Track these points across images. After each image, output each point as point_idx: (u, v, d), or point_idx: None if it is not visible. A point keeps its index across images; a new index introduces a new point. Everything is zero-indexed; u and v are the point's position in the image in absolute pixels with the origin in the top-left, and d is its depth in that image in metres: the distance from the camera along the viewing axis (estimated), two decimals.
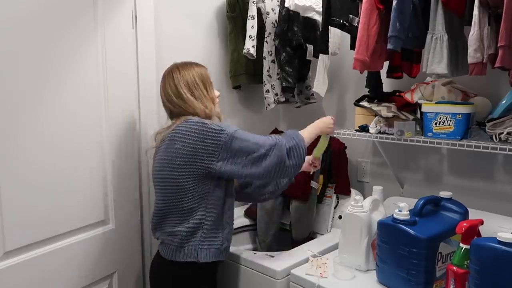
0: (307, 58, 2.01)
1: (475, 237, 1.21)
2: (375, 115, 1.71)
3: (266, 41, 2.02)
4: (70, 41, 1.45)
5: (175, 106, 1.45)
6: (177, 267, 1.42)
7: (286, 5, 1.88)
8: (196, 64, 1.51)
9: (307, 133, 1.52)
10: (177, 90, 1.44)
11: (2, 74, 1.27)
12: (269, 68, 2.04)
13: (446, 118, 1.48)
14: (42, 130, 1.38)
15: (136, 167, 1.74)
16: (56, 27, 1.40)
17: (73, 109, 1.47)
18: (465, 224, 1.20)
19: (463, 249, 1.18)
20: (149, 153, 1.60)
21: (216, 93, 1.54)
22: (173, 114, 1.48)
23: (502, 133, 1.36)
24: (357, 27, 1.54)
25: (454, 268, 1.18)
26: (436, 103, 1.53)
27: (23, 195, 1.34)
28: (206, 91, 1.48)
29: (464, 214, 1.39)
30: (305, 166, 1.67)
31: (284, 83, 2.00)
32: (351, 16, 1.62)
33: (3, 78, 1.27)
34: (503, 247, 1.07)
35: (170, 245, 1.42)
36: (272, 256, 1.60)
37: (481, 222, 1.24)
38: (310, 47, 1.99)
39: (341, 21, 1.65)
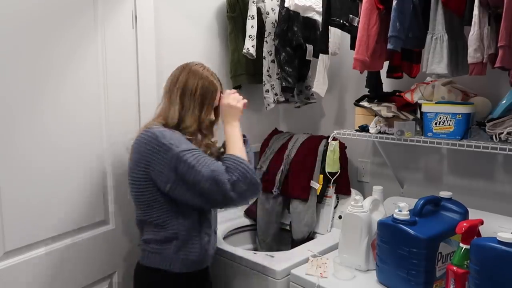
0: (307, 58, 2.01)
1: (475, 237, 1.21)
2: (375, 115, 1.71)
3: (266, 41, 2.03)
4: (70, 41, 1.45)
5: (162, 98, 1.43)
6: (150, 272, 1.39)
7: (286, 5, 1.89)
8: (212, 76, 1.42)
9: (238, 143, 1.39)
10: (173, 86, 1.39)
11: (2, 74, 1.27)
12: (269, 68, 2.04)
13: (446, 118, 1.48)
14: (42, 130, 1.38)
15: None
16: (56, 27, 1.40)
17: (73, 109, 1.47)
18: (465, 224, 1.20)
19: (463, 249, 1.18)
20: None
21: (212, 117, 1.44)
22: (158, 107, 1.45)
23: (502, 133, 1.36)
24: (357, 27, 1.54)
25: (454, 268, 1.18)
26: (436, 103, 1.53)
27: (23, 195, 1.34)
28: (199, 109, 1.38)
29: (464, 214, 1.39)
30: None
31: (283, 83, 2.00)
32: (351, 16, 1.62)
33: (3, 78, 1.27)
34: (503, 247, 1.07)
35: (145, 250, 1.40)
36: (272, 256, 1.60)
37: (481, 222, 1.24)
38: (310, 47, 2.00)
39: (341, 21, 1.65)
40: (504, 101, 1.39)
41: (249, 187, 1.30)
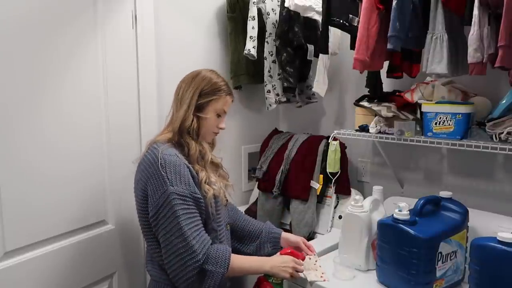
0: (308, 58, 2.01)
1: None
2: (375, 115, 1.71)
3: (267, 42, 2.03)
4: (70, 40, 1.45)
5: (171, 106, 1.39)
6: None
7: (286, 5, 1.89)
8: (223, 82, 1.39)
9: (245, 264, 1.35)
10: (184, 93, 1.35)
11: (2, 74, 1.27)
12: (270, 68, 2.04)
13: (446, 118, 1.48)
14: (42, 131, 1.38)
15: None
16: (55, 27, 1.40)
17: (73, 109, 1.48)
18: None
19: None
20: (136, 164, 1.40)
21: (215, 121, 1.38)
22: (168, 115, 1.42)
23: (502, 132, 1.36)
24: (357, 27, 1.54)
25: None
26: (436, 103, 1.53)
27: (23, 196, 1.34)
28: (193, 103, 1.33)
29: (464, 214, 1.39)
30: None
31: (285, 83, 2.00)
32: (351, 16, 1.62)
33: (3, 79, 1.27)
34: (503, 247, 1.07)
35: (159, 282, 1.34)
36: None
37: None
38: (310, 47, 2.00)
39: (341, 21, 1.65)
40: (504, 101, 1.39)
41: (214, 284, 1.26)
